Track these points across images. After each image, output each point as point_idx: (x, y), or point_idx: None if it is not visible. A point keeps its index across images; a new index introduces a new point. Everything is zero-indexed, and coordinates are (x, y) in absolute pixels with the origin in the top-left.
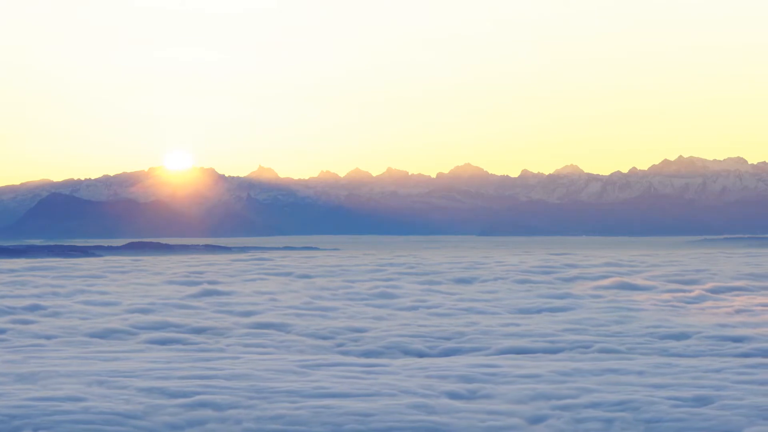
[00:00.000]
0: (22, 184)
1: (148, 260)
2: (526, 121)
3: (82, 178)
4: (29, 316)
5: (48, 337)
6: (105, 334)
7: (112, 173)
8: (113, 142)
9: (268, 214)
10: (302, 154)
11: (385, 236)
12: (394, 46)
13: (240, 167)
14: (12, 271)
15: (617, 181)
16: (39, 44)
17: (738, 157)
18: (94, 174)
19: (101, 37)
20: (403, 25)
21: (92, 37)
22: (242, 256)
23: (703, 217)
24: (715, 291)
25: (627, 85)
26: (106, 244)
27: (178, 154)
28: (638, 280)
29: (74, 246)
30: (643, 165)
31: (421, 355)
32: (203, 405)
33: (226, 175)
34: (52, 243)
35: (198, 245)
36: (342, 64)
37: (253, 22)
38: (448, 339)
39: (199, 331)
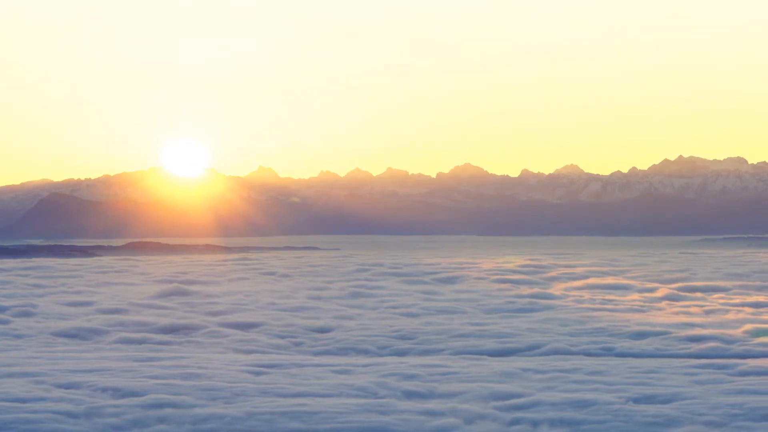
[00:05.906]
0: (22, 184)
1: (139, 260)
2: (526, 121)
3: (82, 178)
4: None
5: (15, 337)
6: (70, 334)
7: (112, 173)
8: (113, 142)
9: (268, 214)
10: (302, 154)
11: (385, 236)
12: (394, 47)
13: (240, 167)
14: (1, 270)
15: (617, 181)
16: (39, 44)
17: (738, 157)
18: (94, 174)
19: (101, 37)
20: (403, 25)
21: (92, 37)
22: (235, 256)
23: (703, 217)
24: (690, 290)
25: (627, 84)
26: (106, 244)
27: (178, 154)
28: (616, 280)
29: (74, 246)
30: (643, 165)
31: (376, 354)
32: (151, 405)
33: (226, 175)
34: (51, 243)
35: (198, 245)
36: (342, 65)
37: (253, 22)
38: (405, 339)
39: (163, 331)
